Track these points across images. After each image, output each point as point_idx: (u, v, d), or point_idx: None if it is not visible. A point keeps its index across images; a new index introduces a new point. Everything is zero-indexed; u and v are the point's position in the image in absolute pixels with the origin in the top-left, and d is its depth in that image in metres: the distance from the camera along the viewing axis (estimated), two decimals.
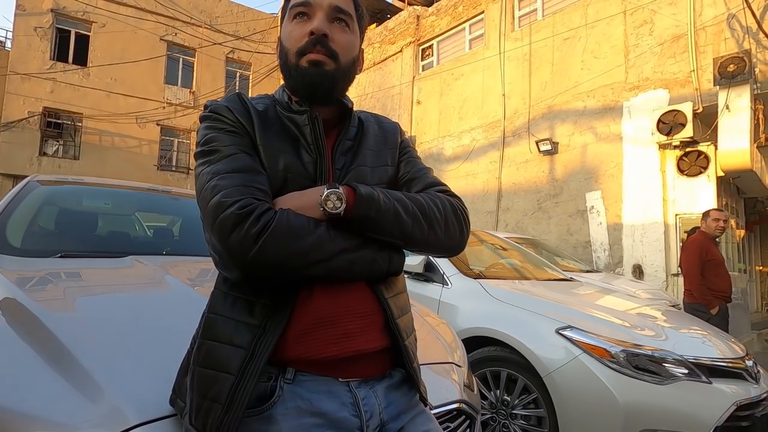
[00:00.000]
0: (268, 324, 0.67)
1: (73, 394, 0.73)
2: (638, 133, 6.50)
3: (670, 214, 6.21)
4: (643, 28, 6.65)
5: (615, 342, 2.04)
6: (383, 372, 0.76)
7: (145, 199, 2.50)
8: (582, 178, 7.16)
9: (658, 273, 6.23)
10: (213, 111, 0.75)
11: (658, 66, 6.43)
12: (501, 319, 2.35)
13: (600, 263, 6.73)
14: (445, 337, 1.59)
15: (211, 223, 0.64)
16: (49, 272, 1.33)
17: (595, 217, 6.92)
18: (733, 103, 5.50)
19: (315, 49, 0.73)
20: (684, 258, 3.76)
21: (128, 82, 13.24)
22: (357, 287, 0.72)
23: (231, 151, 0.70)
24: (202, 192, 0.68)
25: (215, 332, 0.68)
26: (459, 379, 1.31)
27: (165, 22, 13.82)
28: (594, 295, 2.99)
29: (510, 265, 3.45)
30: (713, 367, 2.03)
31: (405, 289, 0.83)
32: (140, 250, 1.93)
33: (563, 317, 2.22)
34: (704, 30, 6.02)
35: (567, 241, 7.19)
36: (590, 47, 7.26)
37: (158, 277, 1.31)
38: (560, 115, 7.53)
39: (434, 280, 2.76)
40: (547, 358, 2.09)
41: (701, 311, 3.54)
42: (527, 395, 2.19)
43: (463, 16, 9.51)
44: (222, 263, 0.67)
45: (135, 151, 13.46)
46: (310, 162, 0.74)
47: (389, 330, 0.74)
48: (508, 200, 8.17)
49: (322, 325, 0.69)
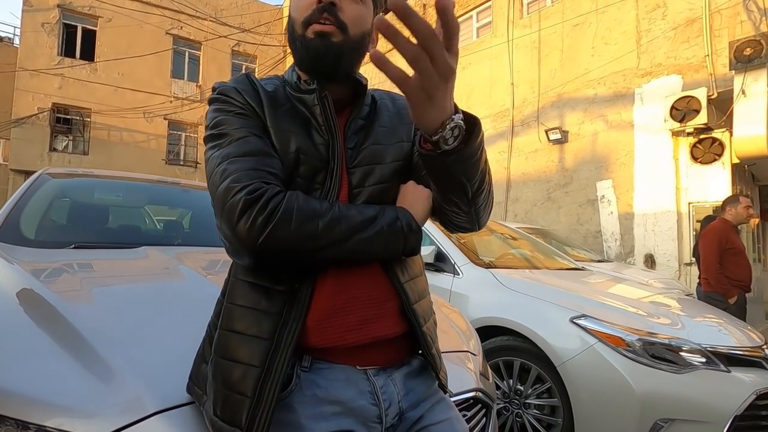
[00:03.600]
0: (289, 312, 0.66)
1: (90, 382, 0.73)
2: (650, 120, 6.38)
3: (683, 202, 6.12)
4: (655, 12, 6.49)
5: (630, 330, 2.01)
6: (402, 359, 0.74)
7: (155, 191, 2.50)
8: (592, 167, 7.07)
9: (670, 262, 6.15)
10: (221, 93, 0.72)
11: (671, 51, 6.28)
12: (513, 308, 2.33)
13: (611, 253, 6.66)
14: (459, 325, 1.58)
15: (221, 209, 0.63)
16: (65, 263, 1.33)
17: (606, 207, 6.84)
18: (749, 88, 5.36)
19: (322, 18, 0.69)
20: (703, 245, 3.66)
21: (135, 76, 13.28)
22: (372, 271, 0.70)
23: (241, 134, 0.68)
24: (212, 176, 0.66)
25: (235, 322, 0.67)
26: (475, 368, 1.30)
27: (170, 15, 13.80)
28: (606, 283, 2.95)
29: (520, 255, 3.41)
30: (731, 355, 1.99)
31: (423, 272, 0.81)
32: (153, 241, 1.93)
33: (577, 306, 2.19)
34: (719, 13, 5.86)
35: (577, 231, 7.12)
36: (601, 33, 7.12)
37: (172, 267, 1.31)
38: (570, 103, 7.42)
39: (445, 270, 2.74)
40: (561, 347, 2.07)
41: (718, 300, 3.48)
42: (541, 385, 2.17)
43: (471, 3, 9.37)
44: (233, 249, 0.66)
45: (143, 145, 13.54)
46: (321, 143, 0.71)
47: (406, 315, 0.72)
48: (517, 190, 8.10)
49: (339, 313, 0.67)
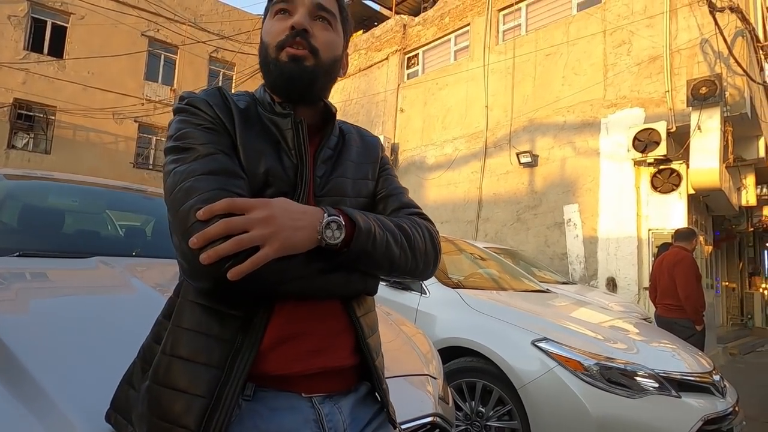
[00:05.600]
0: (243, 340, 0.62)
1: (17, 406, 0.67)
2: (615, 149, 6.67)
3: (644, 229, 6.38)
4: (621, 47, 6.86)
5: (588, 355, 2.06)
6: (349, 386, 0.73)
7: (117, 197, 2.41)
8: (560, 191, 7.30)
9: (630, 286, 6.37)
10: (190, 104, 0.70)
11: (634, 85, 6.63)
12: (478, 329, 2.35)
13: (576, 275, 6.85)
14: (421, 347, 1.57)
15: (183, 230, 0.59)
16: (2, 271, 1.25)
17: (572, 230, 7.05)
18: (704, 124, 5.71)
19: (295, 42, 0.70)
20: (682, 274, 3.70)
21: (106, 76, 12.88)
22: (329, 304, 0.70)
23: (208, 150, 0.65)
24: (173, 193, 0.62)
25: (181, 347, 0.63)
26: (434, 392, 1.29)
27: (147, 17, 13.54)
28: (569, 306, 3.02)
29: (488, 275, 3.46)
30: (682, 381, 2.07)
31: (374, 307, 0.81)
32: (108, 251, 1.85)
33: (540, 329, 2.23)
34: (679, 53, 6.25)
35: (544, 253, 7.29)
36: (571, 64, 7.44)
37: (123, 280, 1.25)
38: (541, 128, 7.68)
39: (412, 289, 2.74)
40: (523, 369, 2.10)
41: (686, 327, 3.57)
42: (502, 407, 2.19)
43: (449, 27, 9.63)
44: (190, 272, 0.61)
45: (111, 147, 13.09)
46: (290, 167, 0.70)
47: (359, 349, 0.72)
48: (488, 210, 8.26)
49: (291, 341, 0.65)
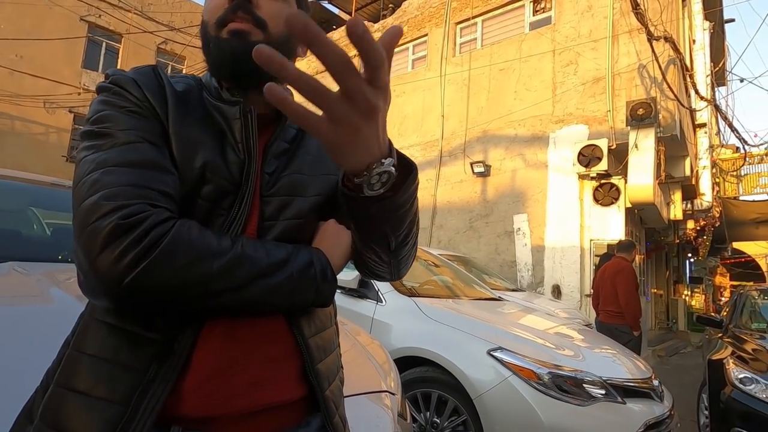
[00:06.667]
0: (158, 369, 0.51)
1: None
2: (561, 162, 7.02)
3: (586, 239, 6.75)
4: (569, 67, 7.25)
5: (540, 363, 2.09)
6: (299, 421, 0.62)
7: (44, 193, 2.16)
8: (511, 201, 7.56)
9: (573, 293, 6.70)
10: (114, 83, 0.58)
11: (580, 103, 7.03)
12: (434, 339, 2.33)
13: (524, 282, 7.10)
14: (378, 358, 1.52)
15: (80, 231, 0.47)
16: None
17: (521, 239, 7.32)
18: (641, 143, 6.14)
19: (236, 16, 0.60)
20: (624, 283, 3.89)
21: (38, 61, 11.83)
22: (271, 322, 0.59)
23: (128, 137, 0.54)
24: (78, 186, 0.50)
25: (77, 378, 0.51)
26: (393, 407, 1.24)
27: (87, 1, 12.61)
28: (519, 314, 3.09)
29: (442, 283, 3.48)
30: (626, 387, 2.16)
31: (332, 322, 0.69)
32: (29, 254, 1.64)
33: (494, 338, 2.25)
34: (619, 75, 6.70)
35: (495, 260, 7.50)
36: (523, 80, 7.76)
37: (40, 289, 1.09)
38: (494, 139, 7.93)
39: (368, 297, 2.68)
40: (478, 379, 2.10)
41: (624, 332, 3.79)
42: (457, 417, 2.17)
43: (408, 36, 9.74)
44: (87, 286, 0.50)
45: (40, 138, 12.02)
46: (235, 162, 0.60)
47: (307, 377, 0.61)
48: (442, 218, 8.38)
49: (224, 373, 0.54)
